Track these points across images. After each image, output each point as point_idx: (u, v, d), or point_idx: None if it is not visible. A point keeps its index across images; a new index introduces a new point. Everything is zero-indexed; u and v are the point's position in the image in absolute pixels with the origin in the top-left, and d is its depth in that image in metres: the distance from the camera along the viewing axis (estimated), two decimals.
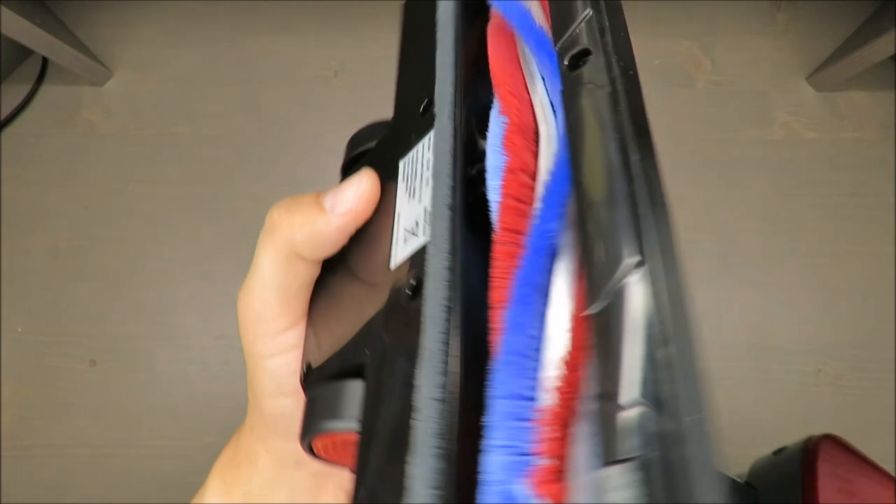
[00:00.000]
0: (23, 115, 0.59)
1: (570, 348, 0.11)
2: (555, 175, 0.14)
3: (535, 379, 0.11)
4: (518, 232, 0.13)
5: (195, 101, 0.59)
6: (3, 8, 0.45)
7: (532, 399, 0.11)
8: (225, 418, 0.56)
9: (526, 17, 0.16)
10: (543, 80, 0.16)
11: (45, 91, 0.60)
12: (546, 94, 0.15)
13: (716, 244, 0.56)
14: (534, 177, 0.14)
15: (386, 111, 0.60)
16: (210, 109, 0.59)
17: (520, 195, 0.14)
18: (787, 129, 0.58)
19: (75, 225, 0.58)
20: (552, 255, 0.13)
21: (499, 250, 0.13)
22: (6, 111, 0.59)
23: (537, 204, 0.13)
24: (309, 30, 0.60)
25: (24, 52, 0.60)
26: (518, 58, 0.17)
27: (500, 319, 0.12)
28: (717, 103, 0.59)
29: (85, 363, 0.56)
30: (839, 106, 0.58)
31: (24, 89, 0.59)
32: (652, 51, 0.59)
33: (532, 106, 0.15)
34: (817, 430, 0.25)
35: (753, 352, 0.54)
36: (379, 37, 0.60)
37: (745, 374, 0.50)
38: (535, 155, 0.14)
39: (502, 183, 0.14)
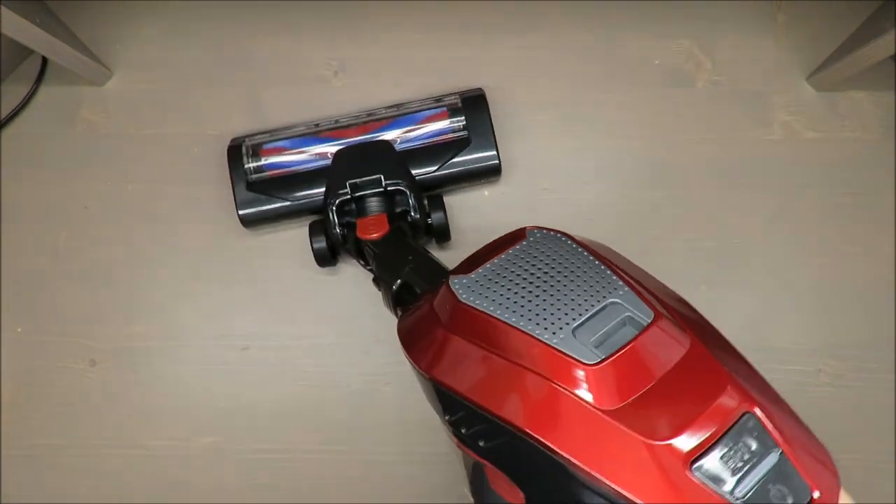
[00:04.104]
0: (23, 115, 0.59)
1: None
2: None
3: None
4: None
5: (195, 101, 0.59)
6: (2, 8, 0.45)
7: None
8: (225, 418, 0.56)
9: None
10: None
11: (45, 91, 0.60)
12: None
13: (716, 244, 0.56)
14: None
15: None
16: (210, 109, 0.59)
17: None
18: (787, 129, 0.58)
19: (75, 225, 0.58)
20: None
21: None
22: (6, 111, 0.59)
23: None
24: (309, 30, 0.60)
25: (24, 52, 0.60)
26: None
27: None
28: (717, 103, 0.59)
29: (85, 363, 0.56)
30: (839, 106, 0.58)
31: (24, 89, 0.59)
32: (652, 51, 0.59)
33: None
34: (817, 429, 0.25)
35: (753, 352, 0.54)
36: (379, 37, 0.60)
37: None
38: None
39: None
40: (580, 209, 0.57)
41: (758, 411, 0.23)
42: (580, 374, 0.24)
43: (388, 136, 0.54)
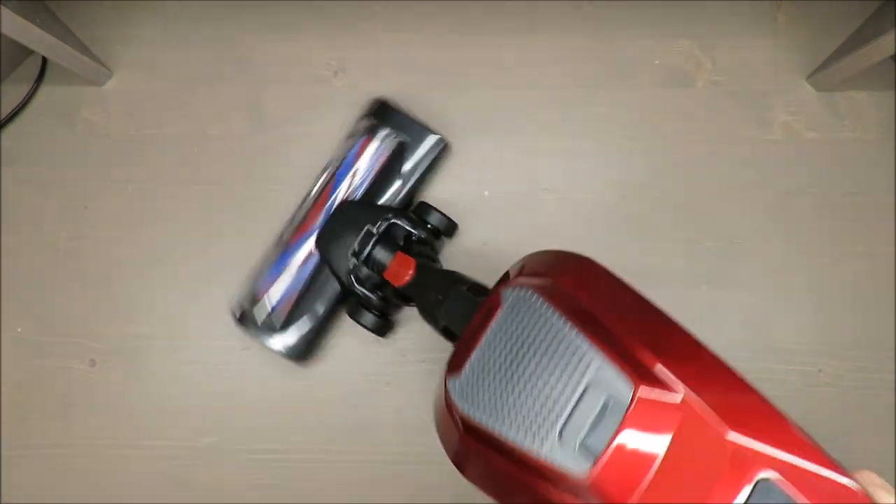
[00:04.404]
0: (23, 115, 0.59)
1: None
2: None
3: None
4: None
5: (195, 101, 0.59)
6: (3, 8, 0.45)
7: None
8: (225, 418, 0.56)
9: None
10: None
11: (45, 91, 0.60)
12: None
13: (716, 244, 0.57)
14: None
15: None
16: (210, 109, 0.59)
17: None
18: (787, 129, 0.58)
19: (75, 225, 0.58)
20: None
21: None
22: (6, 111, 0.59)
23: None
24: (309, 30, 0.60)
25: (24, 52, 0.60)
26: None
27: None
28: (717, 103, 0.59)
29: (85, 363, 0.56)
30: (839, 106, 0.58)
31: (24, 89, 0.59)
32: (652, 51, 0.59)
33: None
34: (817, 429, 0.24)
35: (753, 352, 0.54)
36: (379, 37, 0.60)
37: (745, 374, 0.50)
38: None
39: None
40: (580, 209, 0.57)
41: (774, 474, 0.21)
42: (575, 488, 0.23)
43: (340, 195, 0.53)
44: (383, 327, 0.52)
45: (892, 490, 0.22)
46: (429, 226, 0.52)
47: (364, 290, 0.50)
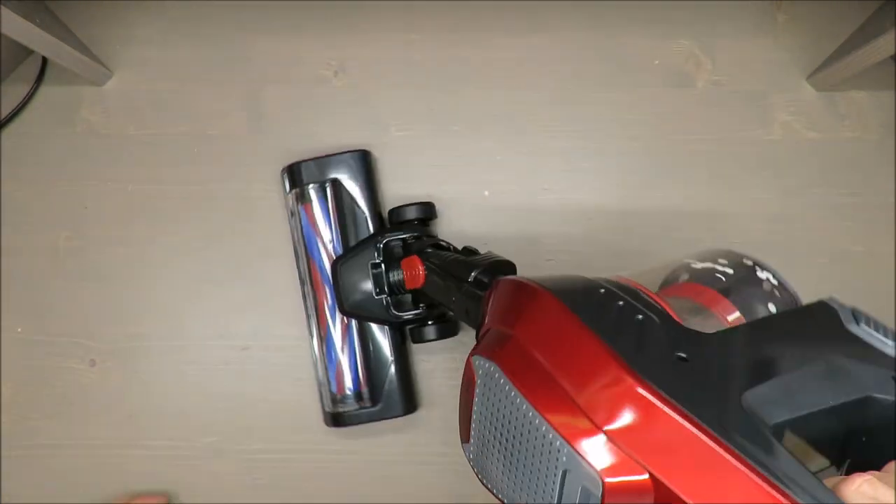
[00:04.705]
0: (23, 115, 0.59)
1: None
2: None
3: None
4: None
5: (195, 101, 0.59)
6: (2, 8, 0.45)
7: None
8: (225, 418, 0.56)
9: None
10: None
11: (45, 91, 0.60)
12: None
13: (716, 244, 0.56)
14: None
15: (386, 111, 0.61)
16: (210, 109, 0.59)
17: None
18: (787, 129, 0.58)
19: (75, 225, 0.58)
20: None
21: None
22: (6, 111, 0.59)
23: None
24: (309, 30, 0.60)
25: (24, 52, 0.60)
26: None
27: None
28: (717, 103, 0.59)
29: (85, 363, 0.56)
30: (839, 106, 0.58)
31: (24, 89, 0.59)
32: (652, 51, 0.59)
33: None
34: None
35: None
36: (379, 37, 0.60)
37: None
38: None
39: None
40: (580, 209, 0.57)
41: None
42: None
43: (327, 262, 0.52)
44: (449, 328, 0.52)
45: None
46: (414, 222, 0.52)
47: (410, 313, 0.50)
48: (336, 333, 0.52)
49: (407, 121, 0.58)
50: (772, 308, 0.33)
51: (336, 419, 0.52)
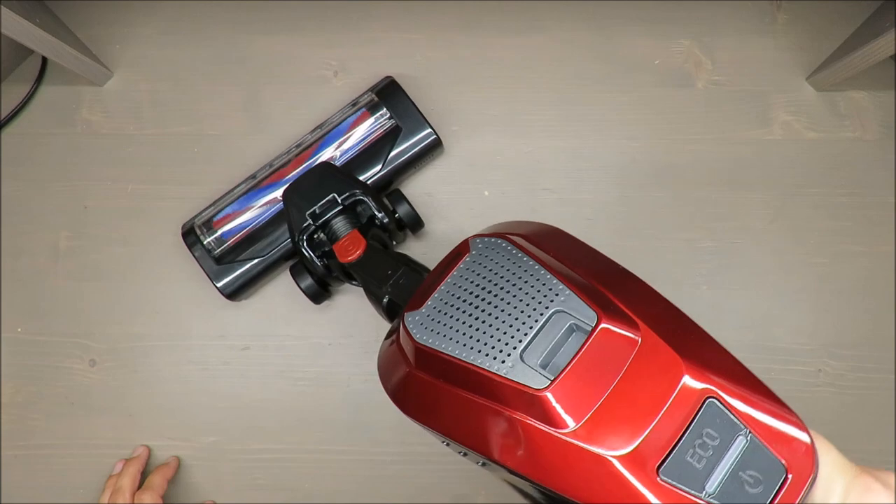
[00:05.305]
0: (22, 115, 0.59)
1: None
2: None
3: None
4: None
5: (195, 101, 0.59)
6: (2, 8, 0.45)
7: None
8: (225, 418, 0.56)
9: None
10: None
11: (45, 91, 0.60)
12: None
13: (716, 244, 0.57)
14: None
15: None
16: (210, 109, 0.59)
17: None
18: (787, 129, 0.58)
19: (75, 225, 0.58)
20: None
21: None
22: (6, 111, 0.59)
23: None
24: (309, 30, 0.60)
25: (24, 52, 0.60)
26: None
27: None
28: (717, 103, 0.59)
29: (85, 363, 0.56)
30: (839, 106, 0.58)
31: (24, 89, 0.59)
32: (652, 51, 0.59)
33: None
34: (817, 429, 0.25)
35: (753, 352, 0.54)
36: (379, 37, 0.60)
37: None
38: None
39: None
40: (580, 209, 0.57)
41: (720, 393, 0.23)
42: (533, 401, 0.24)
43: (325, 156, 0.53)
44: (319, 295, 0.52)
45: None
46: (396, 215, 0.52)
47: (311, 253, 0.49)
48: (266, 196, 0.52)
49: None
50: None
51: (188, 232, 0.53)
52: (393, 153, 0.53)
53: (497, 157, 0.58)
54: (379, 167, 0.53)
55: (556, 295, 0.26)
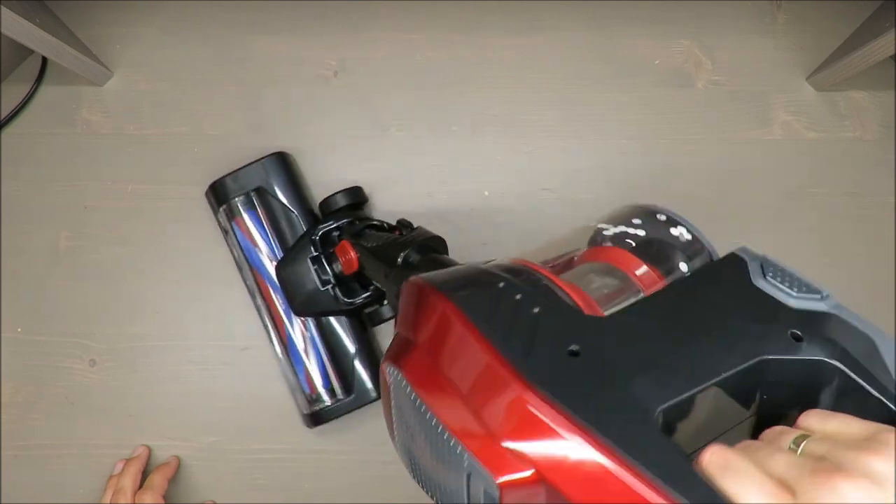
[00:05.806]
0: (22, 115, 0.59)
1: None
2: None
3: None
4: None
5: (195, 101, 0.59)
6: (2, 8, 0.45)
7: None
8: (225, 418, 0.56)
9: None
10: None
11: (45, 91, 0.60)
12: None
13: (716, 244, 0.56)
14: None
15: (386, 111, 0.60)
16: (210, 109, 0.59)
17: None
18: (787, 129, 0.58)
19: (75, 225, 0.58)
20: None
21: None
22: (6, 111, 0.59)
23: None
24: (309, 30, 0.60)
25: (24, 52, 0.60)
26: None
27: None
28: (717, 103, 0.59)
29: (85, 363, 0.56)
30: (839, 106, 0.58)
31: (24, 89, 0.59)
32: (652, 51, 0.59)
33: None
34: None
35: None
36: (379, 37, 0.60)
37: None
38: None
39: None
40: (580, 209, 0.57)
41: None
42: None
43: (271, 268, 0.52)
44: (377, 318, 0.53)
45: None
46: (345, 208, 0.52)
47: (360, 297, 0.50)
48: (296, 336, 0.52)
49: (407, 121, 0.58)
50: (683, 267, 0.35)
51: (315, 418, 0.52)
52: (283, 200, 0.53)
53: (497, 157, 0.58)
54: (294, 217, 0.53)
55: (461, 459, 0.24)
